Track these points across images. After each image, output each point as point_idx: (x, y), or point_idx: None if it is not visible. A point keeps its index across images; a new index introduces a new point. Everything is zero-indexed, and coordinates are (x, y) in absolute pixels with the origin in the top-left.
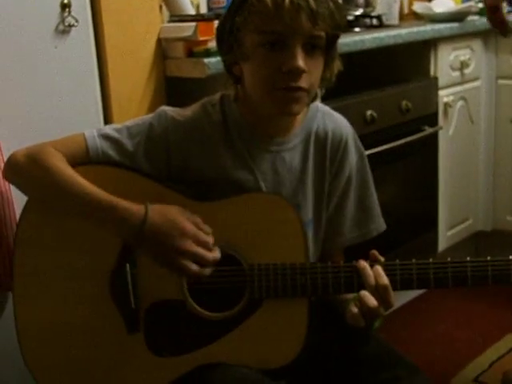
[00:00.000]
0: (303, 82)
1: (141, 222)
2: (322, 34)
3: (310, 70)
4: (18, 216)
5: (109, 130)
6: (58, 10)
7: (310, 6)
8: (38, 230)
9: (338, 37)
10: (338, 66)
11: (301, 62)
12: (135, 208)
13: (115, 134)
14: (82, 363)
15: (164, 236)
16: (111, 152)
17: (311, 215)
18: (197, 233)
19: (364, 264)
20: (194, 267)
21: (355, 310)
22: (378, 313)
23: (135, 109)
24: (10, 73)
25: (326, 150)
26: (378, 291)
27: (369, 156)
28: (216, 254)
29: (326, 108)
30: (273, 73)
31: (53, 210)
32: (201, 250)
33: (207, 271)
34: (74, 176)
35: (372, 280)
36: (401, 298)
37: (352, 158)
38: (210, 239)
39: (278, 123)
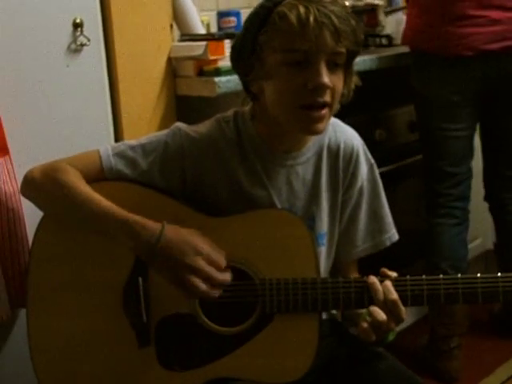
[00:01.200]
0: (328, 97)
1: (156, 237)
2: (344, 50)
3: (332, 87)
4: (29, 233)
5: (123, 147)
6: (71, 29)
7: (333, 24)
8: (52, 246)
9: (357, 53)
10: (355, 81)
11: (326, 79)
12: (151, 224)
13: (130, 153)
14: (94, 377)
15: (177, 252)
16: (126, 171)
17: (326, 228)
18: (210, 252)
19: (373, 279)
20: (204, 287)
21: (365, 324)
22: (388, 327)
23: (146, 127)
24: (23, 91)
25: (339, 162)
26: (388, 306)
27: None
28: (227, 277)
29: (336, 120)
30: (298, 90)
31: (67, 225)
32: (213, 270)
33: (216, 292)
34: (89, 192)
35: (381, 295)
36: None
37: (363, 168)
38: (222, 260)
39: (293, 139)
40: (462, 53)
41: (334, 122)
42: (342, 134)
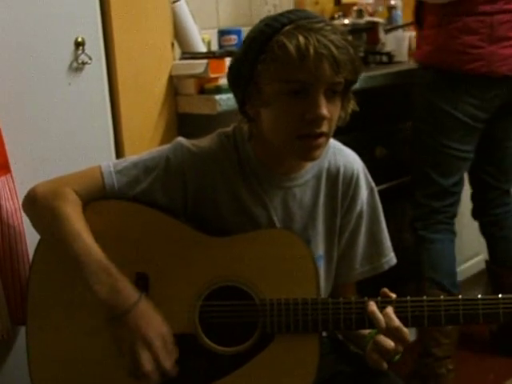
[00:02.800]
0: (325, 127)
1: (126, 307)
2: (343, 80)
3: (330, 116)
4: (30, 250)
5: (125, 164)
6: (72, 47)
7: (332, 54)
8: (52, 264)
9: (356, 81)
10: (352, 105)
11: (324, 110)
12: (130, 291)
13: (131, 171)
14: None
15: (143, 324)
16: (127, 188)
17: (322, 251)
18: (162, 348)
19: (373, 307)
20: (150, 366)
21: (375, 355)
22: (396, 351)
23: (147, 145)
24: (25, 108)
25: (338, 186)
26: (391, 333)
27: (379, 192)
28: (173, 372)
29: (337, 143)
30: (295, 120)
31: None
32: (164, 353)
33: (156, 378)
34: (81, 230)
35: (383, 324)
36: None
37: (363, 193)
38: (169, 364)
39: (291, 163)
40: (505, 73)
41: (335, 145)
42: (343, 157)
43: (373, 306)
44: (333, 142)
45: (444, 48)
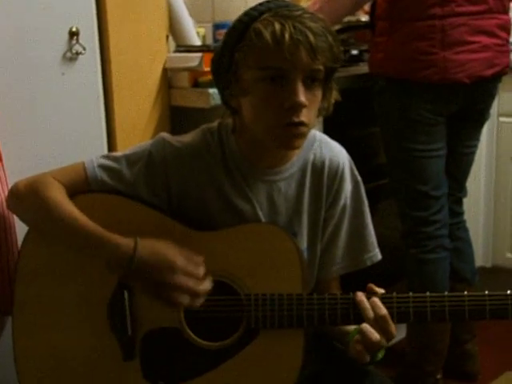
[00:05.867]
0: (304, 117)
1: (129, 257)
2: (321, 67)
3: (309, 104)
4: (19, 241)
5: (108, 159)
6: (67, 37)
7: (309, 41)
8: (38, 260)
9: (336, 69)
10: (335, 96)
11: (302, 97)
12: (124, 242)
13: (114, 165)
14: None
15: (153, 270)
16: (111, 182)
17: (306, 244)
18: (186, 265)
19: (361, 297)
20: (185, 300)
21: (359, 346)
22: (380, 345)
23: (139, 136)
24: (18, 97)
25: (323, 179)
26: (378, 323)
27: (371, 190)
28: (206, 286)
29: (323, 136)
30: (274, 109)
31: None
32: (190, 283)
33: (199, 302)
34: (70, 208)
35: (370, 313)
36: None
37: (347, 186)
38: (200, 270)
39: (275, 154)
40: (461, 80)
41: (321, 138)
42: (328, 150)
43: (361, 296)
44: (319, 134)
45: (395, 56)
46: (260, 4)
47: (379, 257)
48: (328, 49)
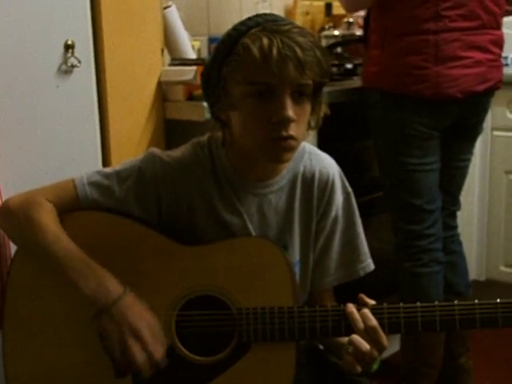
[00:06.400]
0: (293, 131)
1: (114, 299)
2: (310, 82)
3: (298, 118)
4: (13, 253)
5: (98, 176)
6: (62, 50)
7: (297, 56)
8: (28, 275)
9: (325, 83)
10: (324, 110)
11: (290, 112)
12: (114, 284)
13: (104, 181)
14: None
15: (131, 317)
16: (101, 199)
17: (298, 256)
18: (148, 342)
19: (351, 309)
20: (143, 357)
21: (349, 357)
22: (371, 356)
23: (134, 149)
24: (13, 109)
25: (313, 191)
26: (369, 334)
27: (364, 203)
28: (163, 362)
29: (313, 148)
30: (263, 124)
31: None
32: (141, 358)
33: (150, 371)
34: (58, 233)
35: (361, 324)
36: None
37: (338, 198)
38: (159, 351)
39: (264, 167)
40: (454, 95)
41: (311, 150)
42: (318, 162)
43: (352, 307)
44: (309, 146)
45: (388, 69)
46: (249, 18)
47: (372, 267)
48: (316, 63)
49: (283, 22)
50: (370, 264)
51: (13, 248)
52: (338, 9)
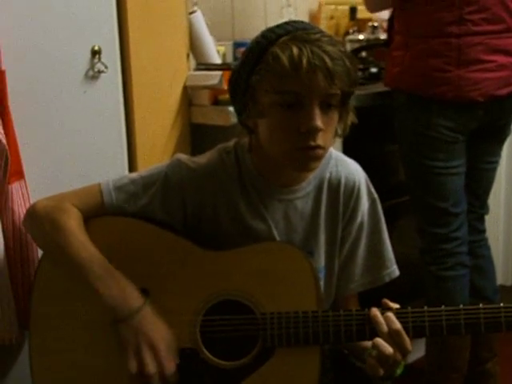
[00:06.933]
0: (320, 140)
1: (136, 308)
2: (338, 92)
3: (326, 128)
4: (40, 256)
5: (124, 181)
6: (89, 56)
7: (326, 66)
8: (53, 278)
9: (353, 93)
10: (351, 118)
11: (319, 122)
12: (135, 294)
13: (130, 187)
14: None
15: (148, 328)
16: (127, 205)
17: (324, 262)
18: (162, 357)
19: (375, 312)
20: (153, 367)
21: (372, 360)
22: (395, 360)
23: (160, 154)
24: (40, 115)
25: (339, 197)
26: (392, 337)
27: (390, 207)
28: (173, 377)
29: (339, 154)
30: (291, 133)
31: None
32: (152, 368)
33: (156, 380)
34: (84, 240)
35: (384, 327)
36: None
37: (364, 204)
38: (170, 367)
39: (291, 174)
40: (475, 99)
41: (337, 156)
42: (344, 168)
43: (376, 311)
44: (335, 152)
45: (410, 70)
46: (278, 26)
47: (397, 273)
48: (345, 73)
49: (313, 30)
50: (395, 270)
51: (40, 250)
52: (362, 13)
